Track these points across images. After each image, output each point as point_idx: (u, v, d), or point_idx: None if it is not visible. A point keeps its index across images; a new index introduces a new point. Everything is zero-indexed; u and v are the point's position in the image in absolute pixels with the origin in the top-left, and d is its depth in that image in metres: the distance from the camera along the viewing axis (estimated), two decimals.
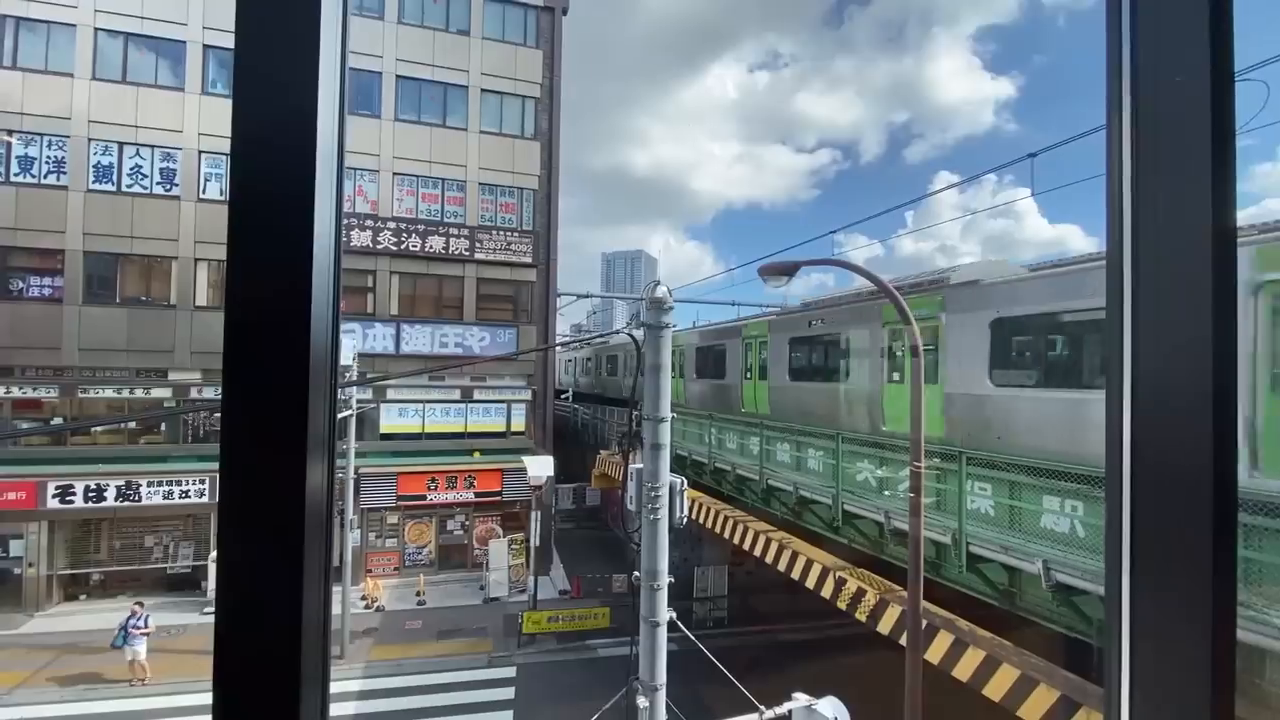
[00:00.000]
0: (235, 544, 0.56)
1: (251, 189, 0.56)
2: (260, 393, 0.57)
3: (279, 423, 0.57)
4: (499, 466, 20.73)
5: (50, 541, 17.39)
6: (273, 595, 0.57)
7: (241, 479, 0.56)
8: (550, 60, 22.75)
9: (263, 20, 0.57)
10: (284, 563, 0.57)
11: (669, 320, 5.32)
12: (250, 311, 0.56)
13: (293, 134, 0.58)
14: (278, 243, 0.57)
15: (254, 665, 0.57)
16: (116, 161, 18.66)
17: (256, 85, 0.57)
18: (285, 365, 0.57)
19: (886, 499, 9.36)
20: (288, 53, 0.58)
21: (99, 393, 18.63)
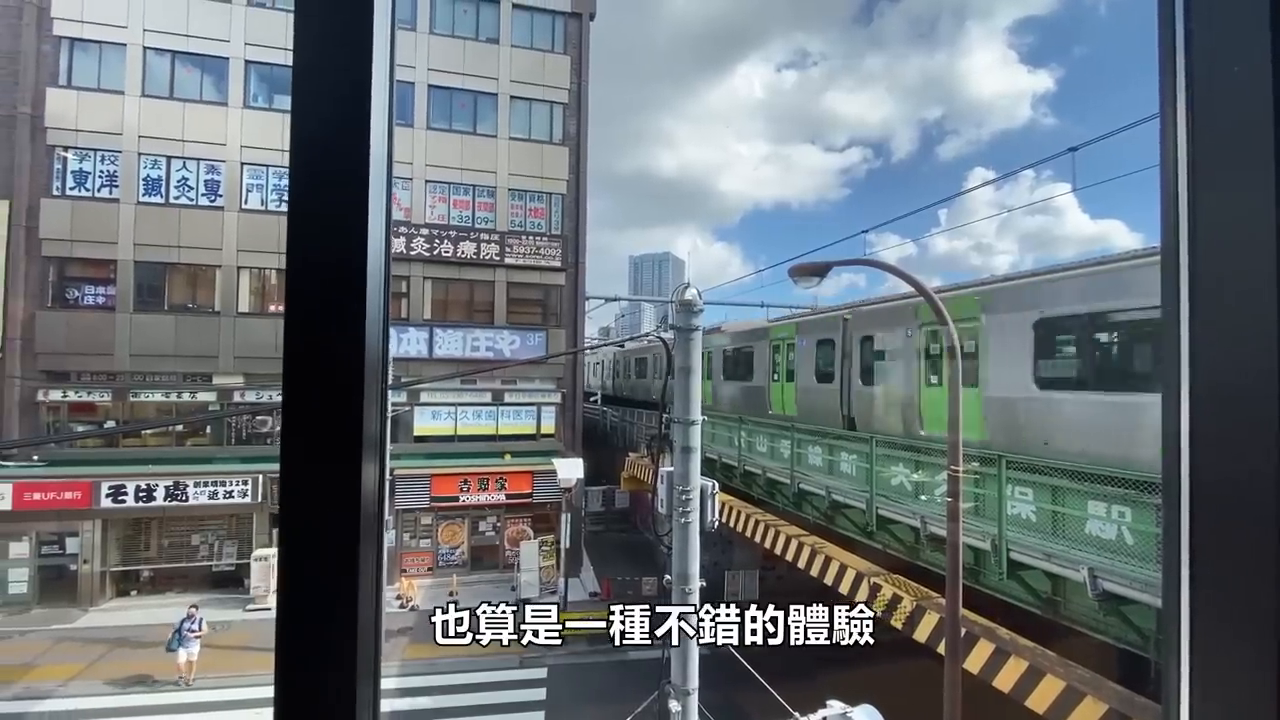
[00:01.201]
0: (295, 543, 0.58)
1: (309, 200, 0.59)
2: (318, 397, 0.59)
3: (336, 426, 0.59)
4: (529, 469, 20.91)
5: (103, 539, 18.15)
6: (331, 593, 0.59)
7: (300, 481, 0.58)
8: (578, 65, 22.94)
9: (319, 37, 0.60)
10: (341, 562, 0.59)
11: (699, 323, 5.31)
12: (309, 318, 0.59)
13: (348, 147, 0.60)
14: (335, 252, 0.59)
15: (314, 661, 0.59)
16: (164, 175, 19.44)
17: (313, 100, 0.59)
18: (342, 370, 0.59)
19: (922, 503, 9.16)
20: (343, 69, 0.60)
21: (148, 396, 19.41)
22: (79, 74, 19.08)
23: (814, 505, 12.01)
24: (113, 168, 19.10)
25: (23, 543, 17.65)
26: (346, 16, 0.60)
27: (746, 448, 14.82)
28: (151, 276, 19.45)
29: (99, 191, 19.03)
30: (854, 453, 10.98)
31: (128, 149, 19.13)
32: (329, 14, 0.59)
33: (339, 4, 0.59)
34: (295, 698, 0.59)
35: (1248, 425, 0.59)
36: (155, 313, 19.34)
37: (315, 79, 0.59)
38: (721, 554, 17.31)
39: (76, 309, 18.91)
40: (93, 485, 17.59)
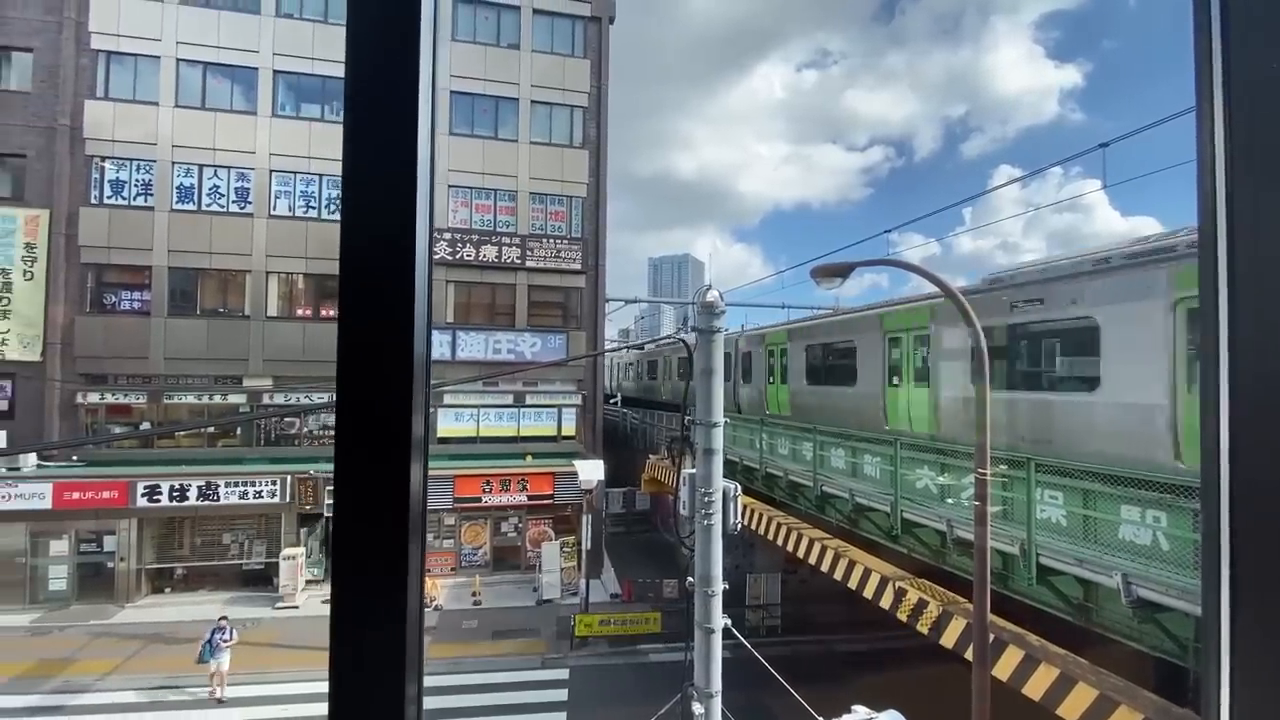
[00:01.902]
0: (349, 542, 0.60)
1: (362, 207, 0.61)
2: (372, 399, 0.61)
3: (388, 428, 0.61)
4: (550, 470, 21.03)
5: (139, 538, 18.68)
6: (383, 591, 0.61)
7: (355, 481, 0.60)
8: (598, 69, 23.06)
9: (371, 50, 0.62)
10: (393, 560, 0.61)
11: (720, 325, 5.31)
12: (363, 322, 0.61)
13: (398, 157, 0.62)
14: (386, 258, 0.62)
15: (366, 657, 0.61)
16: (197, 183, 19.98)
17: (365, 111, 0.62)
18: (393, 373, 0.61)
19: (949, 507, 9.02)
20: (393, 79, 0.62)
21: (181, 398, 19.95)
22: (115, 86, 19.71)
23: (837, 508, 11.90)
24: (148, 176, 19.69)
25: (62, 541, 18.24)
26: (397, 29, 0.62)
27: (768, 450, 14.72)
28: (184, 282, 20.00)
29: (135, 200, 19.63)
30: (878, 455, 10.85)
31: (162, 158, 19.71)
32: (380, 26, 0.62)
33: (390, 17, 0.62)
34: (349, 692, 0.61)
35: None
36: (188, 317, 19.88)
37: (367, 89, 0.62)
38: (743, 557, 17.22)
39: (114, 314, 19.51)
40: (129, 485, 18.11)
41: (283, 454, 20.18)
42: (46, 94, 19.07)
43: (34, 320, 18.77)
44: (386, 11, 0.63)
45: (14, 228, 18.77)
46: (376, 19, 0.63)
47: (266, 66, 20.43)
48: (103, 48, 19.53)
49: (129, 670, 14.67)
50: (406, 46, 0.63)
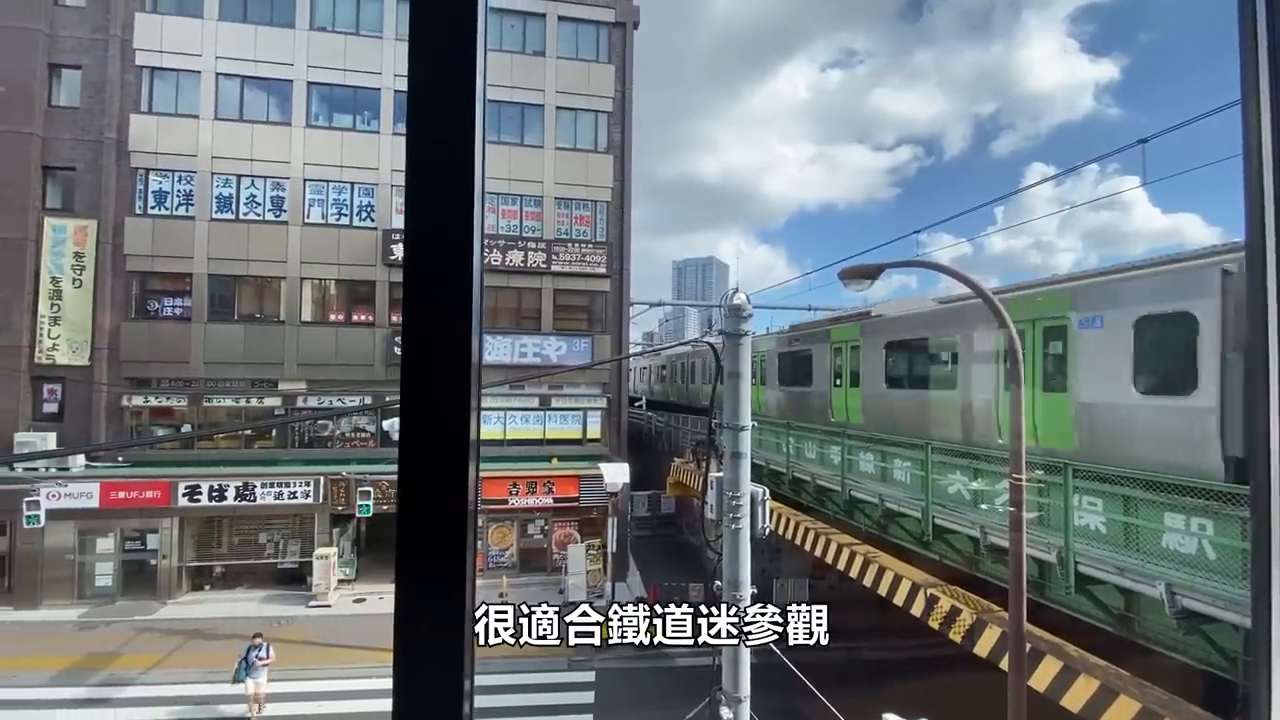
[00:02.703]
0: (412, 542, 0.63)
1: (425, 217, 0.64)
2: (433, 402, 0.64)
3: (449, 430, 0.64)
4: (576, 473, 21.12)
5: (180, 536, 19.28)
6: (445, 589, 0.63)
7: (418, 482, 0.63)
8: (622, 74, 23.19)
9: (433, 65, 0.65)
10: (453, 560, 0.64)
11: (747, 328, 5.29)
12: (425, 328, 0.64)
13: (457, 169, 0.65)
14: (447, 265, 0.64)
15: (429, 652, 0.64)
16: (235, 193, 20.63)
17: (427, 126, 0.65)
18: (453, 377, 0.64)
19: (982, 513, 8.83)
20: (452, 93, 0.65)
21: (220, 401, 20.57)
22: (159, 100, 20.47)
23: (866, 513, 11.73)
24: (189, 187, 20.38)
25: (108, 538, 18.92)
26: (456, 46, 0.65)
27: (794, 454, 14.59)
28: (223, 288, 20.64)
29: (176, 210, 20.33)
30: (908, 459, 10.67)
31: (202, 169, 20.38)
32: (441, 42, 0.65)
33: (450, 33, 0.65)
34: (412, 686, 0.63)
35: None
36: (226, 322, 20.50)
37: (428, 105, 0.65)
38: (770, 562, 17.08)
39: (157, 320, 20.22)
40: (171, 485, 18.71)
41: (316, 455, 20.67)
42: (94, 109, 19.89)
43: (83, 326, 19.56)
44: (447, 29, 0.66)
45: (64, 237, 19.59)
46: (438, 37, 0.66)
47: (301, 78, 21.00)
48: (147, 63, 20.30)
49: (171, 665, 15.14)
50: (465, 63, 0.66)
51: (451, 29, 0.67)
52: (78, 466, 18.65)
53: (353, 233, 21.11)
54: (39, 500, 16.29)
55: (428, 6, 0.68)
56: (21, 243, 19.17)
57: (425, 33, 0.66)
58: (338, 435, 21.52)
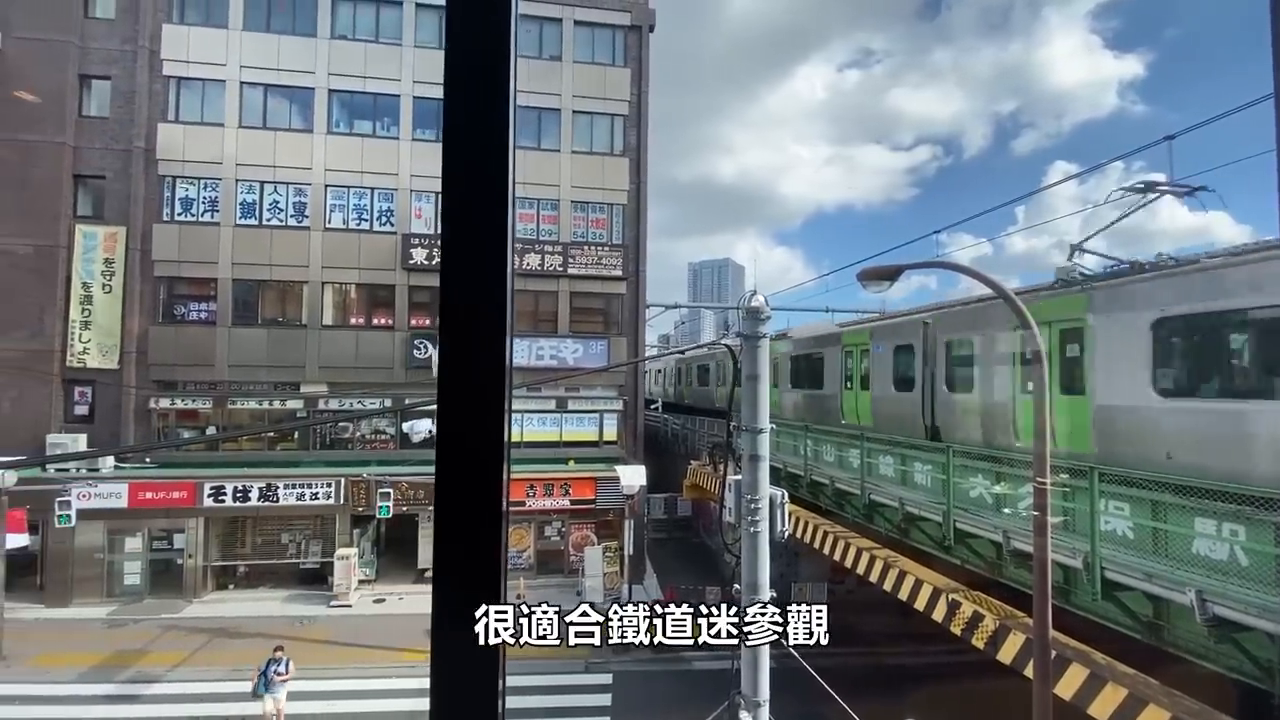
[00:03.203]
0: (449, 544, 0.65)
1: (461, 223, 0.66)
2: (469, 406, 0.65)
3: (484, 432, 0.65)
4: (592, 475, 21.17)
5: (205, 536, 19.65)
6: (481, 588, 0.65)
7: (455, 484, 0.65)
8: (638, 77, 23.25)
9: (467, 73, 0.67)
10: (486, 561, 0.65)
11: (766, 330, 5.28)
12: (461, 332, 0.65)
13: (490, 177, 0.67)
14: (482, 271, 0.66)
15: (464, 651, 0.65)
16: (258, 199, 21.02)
17: (462, 132, 0.66)
18: (488, 381, 0.65)
19: (1006, 517, 8.70)
20: (486, 102, 0.67)
21: (244, 404, 20.95)
22: (185, 109, 20.94)
23: (886, 517, 11.61)
24: (214, 194, 20.82)
25: (136, 538, 19.34)
26: (489, 60, 0.67)
27: (813, 457, 14.48)
28: (246, 293, 21.03)
29: (202, 216, 20.78)
30: (929, 463, 10.55)
31: (227, 176, 20.81)
32: (476, 52, 0.67)
33: (484, 45, 0.67)
34: (449, 686, 0.65)
35: None
36: (250, 326, 20.88)
37: (463, 114, 0.67)
38: (787, 566, 16.97)
39: (183, 324, 20.66)
40: (196, 486, 19.08)
41: (337, 457, 20.97)
42: (123, 118, 20.40)
43: (112, 330, 20.05)
44: (481, 42, 0.68)
45: (95, 244, 20.11)
46: (473, 48, 0.67)
47: (322, 86, 21.36)
48: (174, 73, 20.78)
49: (196, 663, 15.43)
50: (498, 72, 0.68)
51: (485, 43, 0.69)
52: (107, 467, 19.09)
53: (373, 237, 21.40)
54: (70, 500, 16.71)
55: (463, 20, 0.70)
56: (54, 250, 19.71)
57: (461, 45, 0.68)
58: (358, 437, 21.80)
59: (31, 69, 19.73)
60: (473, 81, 0.67)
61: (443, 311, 0.66)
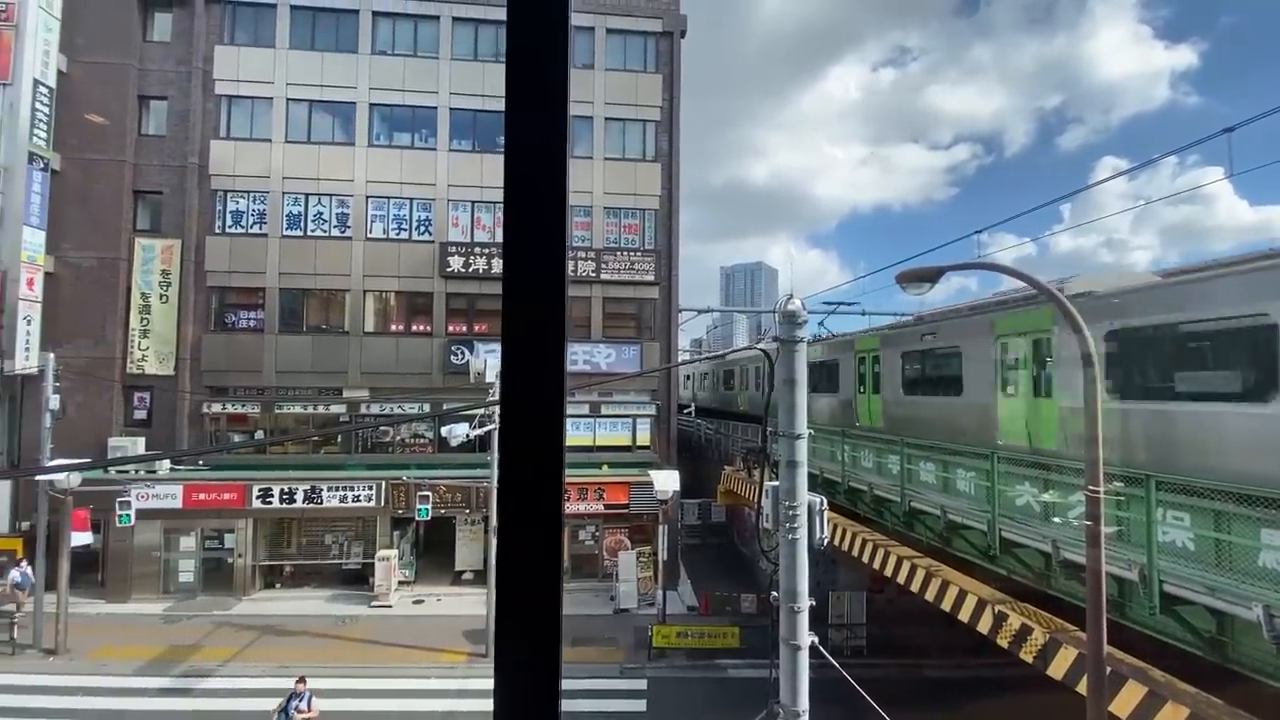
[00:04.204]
0: (511, 547, 0.66)
1: (521, 230, 0.68)
2: (531, 410, 0.67)
3: (544, 437, 0.67)
4: (626, 480, 21.21)
5: (254, 536, 20.36)
6: (541, 590, 0.66)
7: (516, 488, 0.66)
8: (669, 83, 23.32)
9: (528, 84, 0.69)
10: (548, 562, 0.67)
11: (803, 334, 5.22)
12: (523, 339, 0.67)
13: (549, 186, 0.69)
14: (542, 277, 0.68)
15: (527, 654, 0.66)
16: (303, 210, 21.79)
17: (523, 147, 0.68)
18: (548, 386, 0.67)
19: (1054, 526, 8.39)
20: (545, 120, 0.69)
21: (289, 408, 21.68)
22: (235, 126, 21.87)
23: (927, 525, 11.32)
24: (262, 206, 21.65)
25: (190, 537, 20.16)
26: (548, 77, 0.69)
27: (850, 463, 14.23)
28: (292, 301, 21.79)
29: (251, 228, 21.63)
30: (972, 469, 10.25)
31: (274, 189, 21.63)
32: (535, 70, 0.69)
33: (543, 56, 0.69)
34: (511, 688, 0.66)
35: None
36: (295, 334, 21.61)
37: (523, 120, 0.69)
38: (825, 574, 16.68)
39: (233, 331, 21.51)
40: (246, 488, 19.80)
41: (378, 460, 21.51)
42: (179, 136, 21.41)
43: (168, 338, 21.00)
44: (540, 60, 0.70)
45: (152, 256, 21.12)
46: (532, 66, 0.70)
47: (363, 101, 22.04)
48: (225, 92, 21.72)
49: (246, 659, 15.97)
50: (555, 89, 0.70)
51: (544, 61, 0.71)
52: (163, 469, 19.96)
53: (412, 246, 21.94)
54: (130, 500, 17.51)
55: (523, 38, 0.72)
56: (116, 262, 20.78)
57: (521, 57, 0.70)
58: (398, 441, 22.32)
59: (95, 91, 20.88)
60: (532, 98, 0.69)
61: (505, 320, 0.68)
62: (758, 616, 17.60)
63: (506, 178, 0.69)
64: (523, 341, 0.66)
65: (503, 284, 0.68)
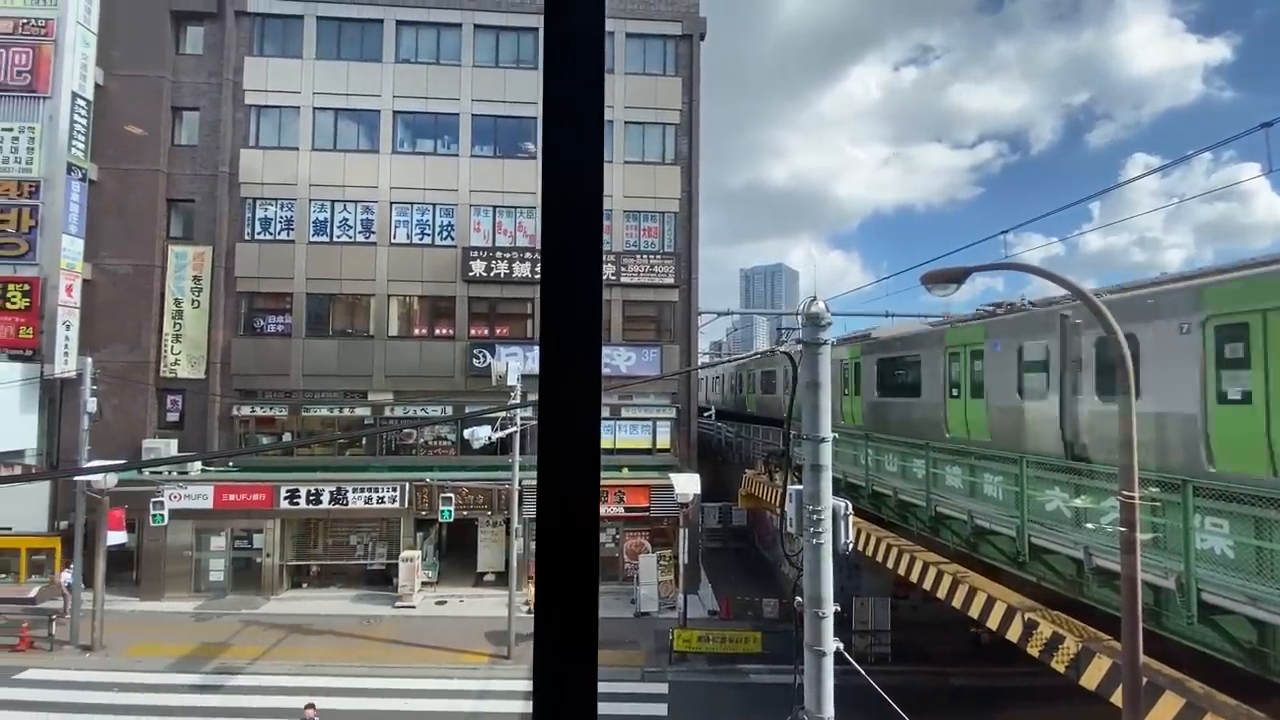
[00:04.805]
0: (550, 549, 0.67)
1: (557, 239, 0.69)
2: (569, 414, 0.68)
3: (581, 441, 0.68)
4: (646, 483, 21.18)
5: (281, 536, 20.75)
6: (579, 591, 0.67)
7: (556, 491, 0.67)
8: (689, 85, 23.33)
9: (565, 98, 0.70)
10: (585, 564, 0.67)
11: (826, 336, 5.17)
12: (560, 342, 0.68)
13: (586, 191, 0.70)
14: (579, 282, 0.69)
15: (565, 656, 0.67)
16: (329, 217, 22.21)
17: (560, 153, 0.69)
18: (585, 389, 0.68)
19: (1087, 532, 8.18)
20: (582, 126, 0.70)
21: (316, 411, 22.08)
22: (264, 135, 22.39)
23: (954, 530, 11.12)
24: (289, 213, 22.12)
25: (220, 537, 20.61)
26: (585, 82, 0.70)
27: (874, 467, 14.05)
28: (318, 306, 22.21)
29: (279, 235, 22.11)
30: (999, 474, 10.05)
31: (301, 196, 22.09)
32: (572, 72, 0.70)
33: (580, 68, 0.70)
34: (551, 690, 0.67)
35: None
36: (321, 338, 22.03)
37: (560, 133, 0.70)
38: (848, 579, 16.47)
39: (261, 336, 21.99)
40: (274, 489, 20.19)
41: (402, 462, 21.79)
42: (210, 146, 21.98)
43: (200, 342, 21.54)
44: (577, 66, 0.71)
45: (185, 263, 21.69)
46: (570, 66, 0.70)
47: (387, 108, 22.41)
48: (254, 102, 22.25)
49: (274, 657, 16.27)
50: (592, 94, 0.71)
51: (580, 60, 0.72)
52: (195, 471, 20.45)
53: (435, 251, 22.23)
54: (164, 501, 17.98)
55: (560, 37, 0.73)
56: (150, 269, 21.38)
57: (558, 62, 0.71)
58: (421, 443, 22.59)
59: (131, 103, 21.55)
60: (569, 104, 0.70)
61: (543, 323, 0.69)
62: (780, 621, 17.43)
63: (544, 185, 0.70)
64: (560, 346, 0.67)
65: (540, 289, 0.69)
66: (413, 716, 13.89)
